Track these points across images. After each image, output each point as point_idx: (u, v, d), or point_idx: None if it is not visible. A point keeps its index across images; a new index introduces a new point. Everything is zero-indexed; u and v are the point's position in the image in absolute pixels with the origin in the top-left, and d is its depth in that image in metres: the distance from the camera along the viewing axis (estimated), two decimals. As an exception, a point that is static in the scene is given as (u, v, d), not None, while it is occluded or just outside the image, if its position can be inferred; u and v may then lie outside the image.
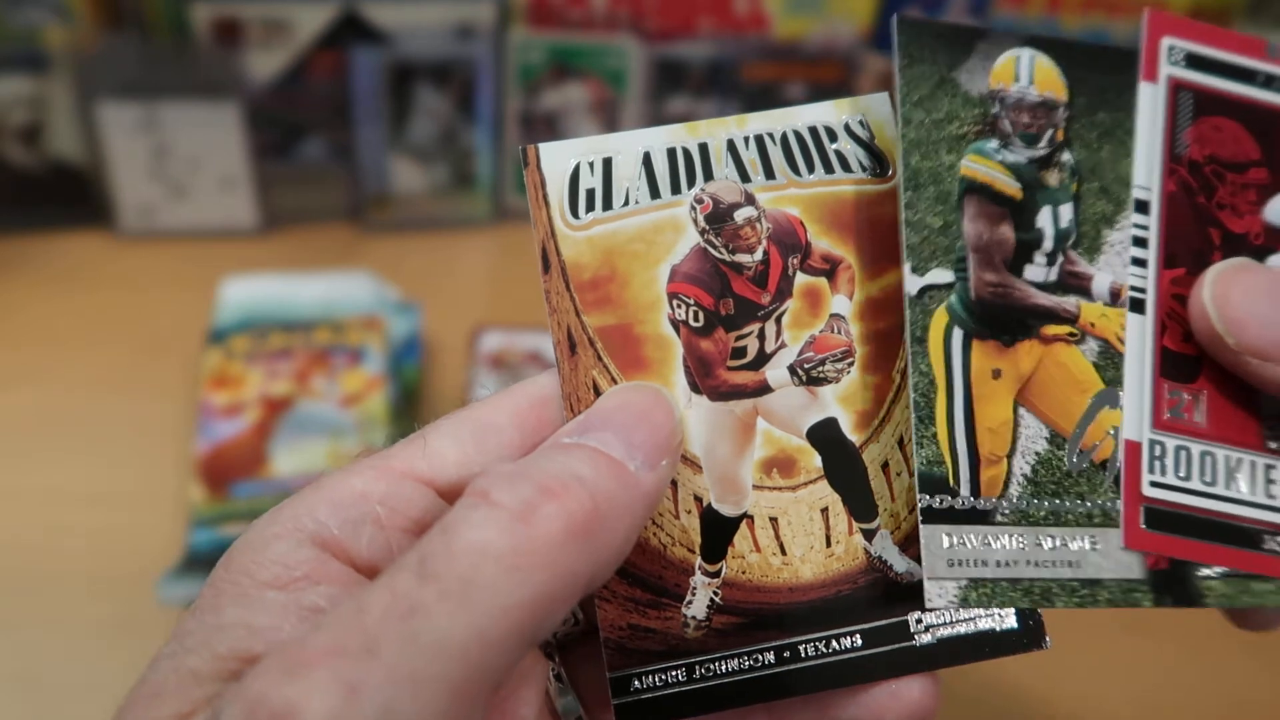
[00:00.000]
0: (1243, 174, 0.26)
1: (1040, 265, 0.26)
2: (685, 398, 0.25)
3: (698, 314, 0.26)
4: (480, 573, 0.19)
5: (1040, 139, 0.26)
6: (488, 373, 0.61)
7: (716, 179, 0.26)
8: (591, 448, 0.22)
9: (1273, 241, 0.26)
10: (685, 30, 0.76)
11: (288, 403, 0.50)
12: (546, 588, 0.20)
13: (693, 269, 0.26)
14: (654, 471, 0.22)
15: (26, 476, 0.53)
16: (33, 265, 0.68)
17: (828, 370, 0.26)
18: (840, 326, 0.26)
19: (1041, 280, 0.26)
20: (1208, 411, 0.25)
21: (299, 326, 0.55)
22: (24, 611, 0.46)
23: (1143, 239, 0.26)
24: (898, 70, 0.25)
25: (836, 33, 0.78)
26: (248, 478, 0.46)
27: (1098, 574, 0.24)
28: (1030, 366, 0.25)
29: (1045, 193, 0.26)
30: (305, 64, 0.70)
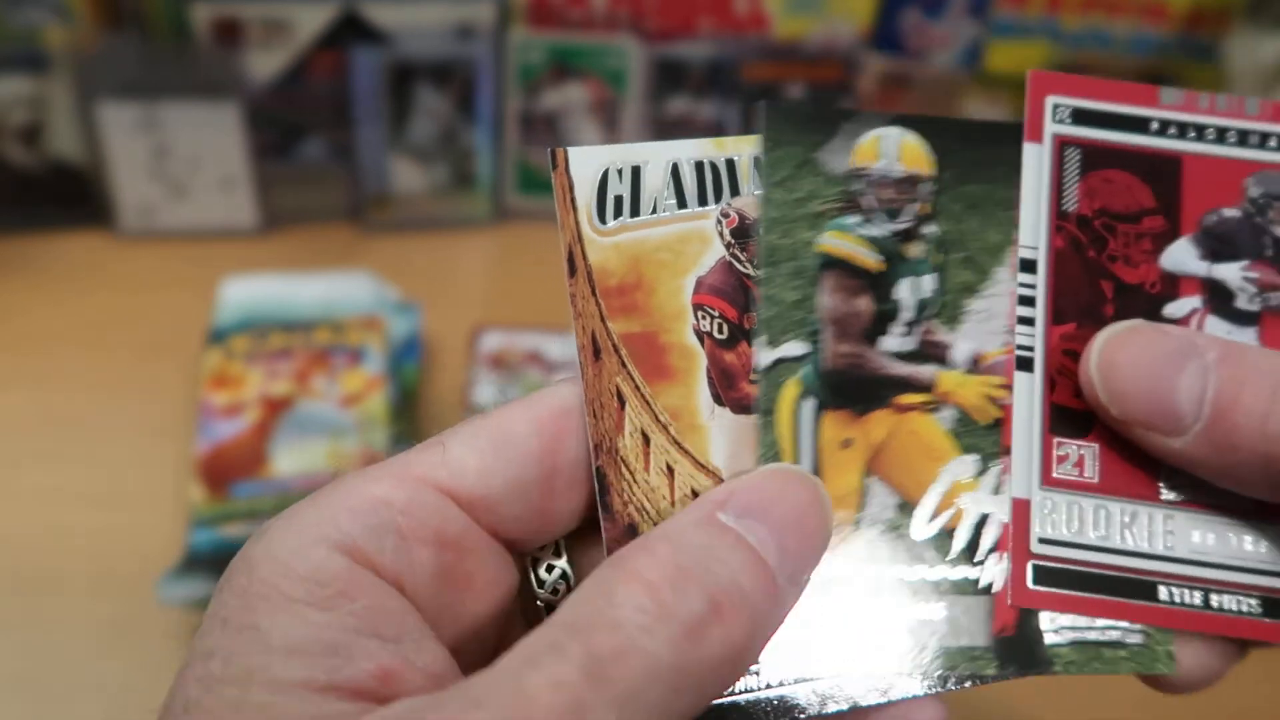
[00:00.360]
0: (1137, 224, 0.26)
1: (898, 335, 0.26)
2: (709, 409, 0.25)
3: (722, 326, 0.26)
4: (648, 690, 0.19)
5: (903, 213, 0.26)
6: (487, 373, 0.61)
7: (743, 194, 0.26)
8: (750, 546, 0.21)
9: (1169, 289, 0.26)
10: (685, 30, 0.76)
11: (288, 403, 0.50)
12: (690, 708, 0.20)
13: (718, 281, 0.26)
14: (795, 588, 0.22)
15: (26, 476, 0.53)
16: (33, 265, 0.68)
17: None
18: None
19: (899, 350, 0.26)
20: (1100, 466, 0.25)
21: (299, 326, 0.55)
22: (24, 611, 0.46)
23: (1030, 298, 0.26)
24: (762, 153, 0.26)
25: (836, 33, 0.78)
26: (248, 478, 0.46)
27: (942, 643, 0.25)
28: (882, 435, 0.26)
29: (906, 264, 0.26)
30: (305, 64, 0.70)
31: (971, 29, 0.78)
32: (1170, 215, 0.26)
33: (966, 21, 0.78)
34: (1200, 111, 0.26)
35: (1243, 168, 0.26)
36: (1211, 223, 0.26)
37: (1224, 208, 0.26)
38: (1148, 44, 0.79)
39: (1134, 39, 0.79)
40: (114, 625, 0.46)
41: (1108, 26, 0.78)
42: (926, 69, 0.79)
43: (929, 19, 0.78)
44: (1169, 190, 0.26)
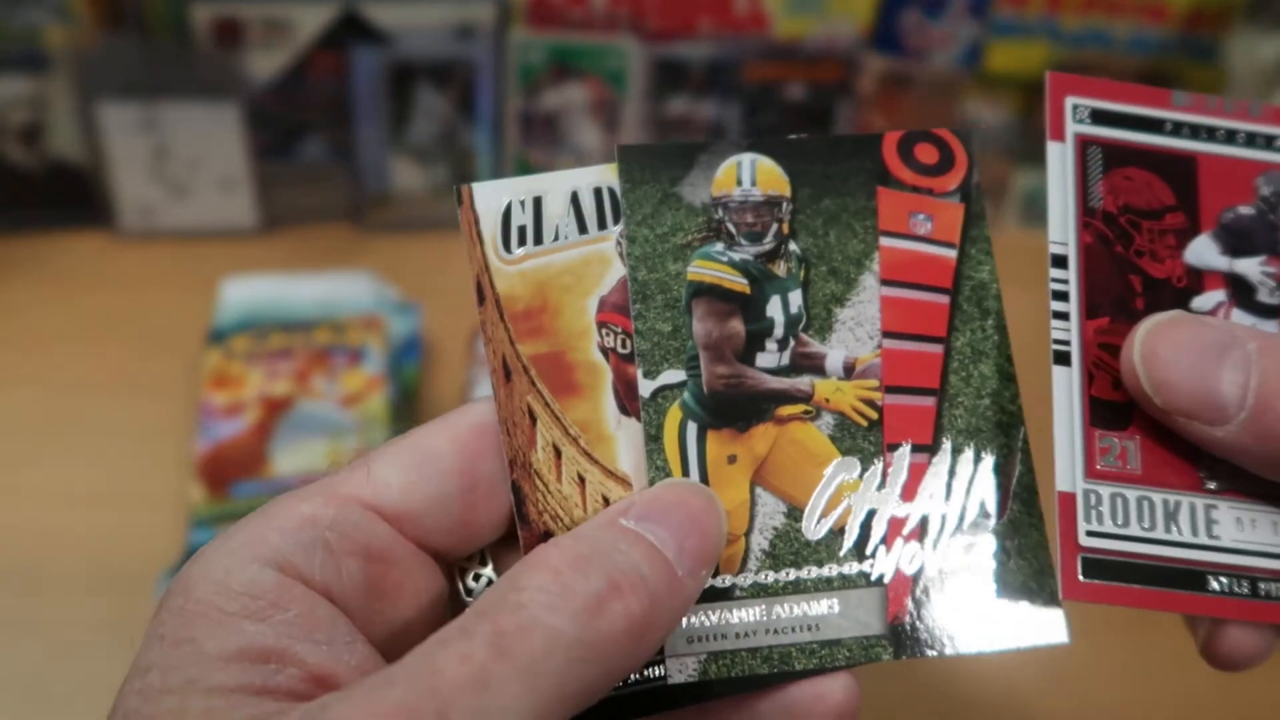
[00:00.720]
0: (1159, 220, 0.26)
1: (772, 352, 0.27)
2: (615, 420, 0.27)
3: (625, 341, 0.27)
4: (550, 660, 0.20)
5: (765, 235, 0.28)
6: (487, 373, 0.61)
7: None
8: (650, 543, 0.23)
9: (1195, 283, 0.26)
10: (685, 30, 0.76)
11: (288, 403, 0.50)
12: (598, 681, 0.21)
13: (620, 299, 0.27)
14: (695, 580, 0.24)
15: (26, 476, 0.53)
16: (33, 265, 0.68)
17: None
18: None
19: (774, 365, 0.27)
20: (1142, 457, 0.25)
21: (299, 326, 0.55)
22: (24, 611, 0.46)
23: (1063, 292, 0.26)
24: (621, 194, 0.27)
25: (836, 33, 0.78)
26: (248, 478, 0.46)
27: (837, 634, 0.25)
28: (765, 448, 0.27)
29: (774, 283, 0.28)
30: (305, 64, 0.70)
31: (971, 29, 0.78)
32: (1190, 212, 0.26)
33: (966, 21, 0.78)
34: (1210, 113, 0.27)
35: (1253, 168, 0.26)
36: (1229, 219, 0.26)
37: (1240, 205, 0.26)
38: (1148, 44, 0.79)
39: (1134, 39, 0.79)
40: (114, 625, 0.46)
41: (1108, 26, 0.78)
42: (926, 69, 0.79)
43: (929, 19, 0.78)
44: (1187, 188, 0.26)
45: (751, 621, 0.26)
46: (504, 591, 0.21)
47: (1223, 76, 0.78)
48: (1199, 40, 0.79)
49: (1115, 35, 0.79)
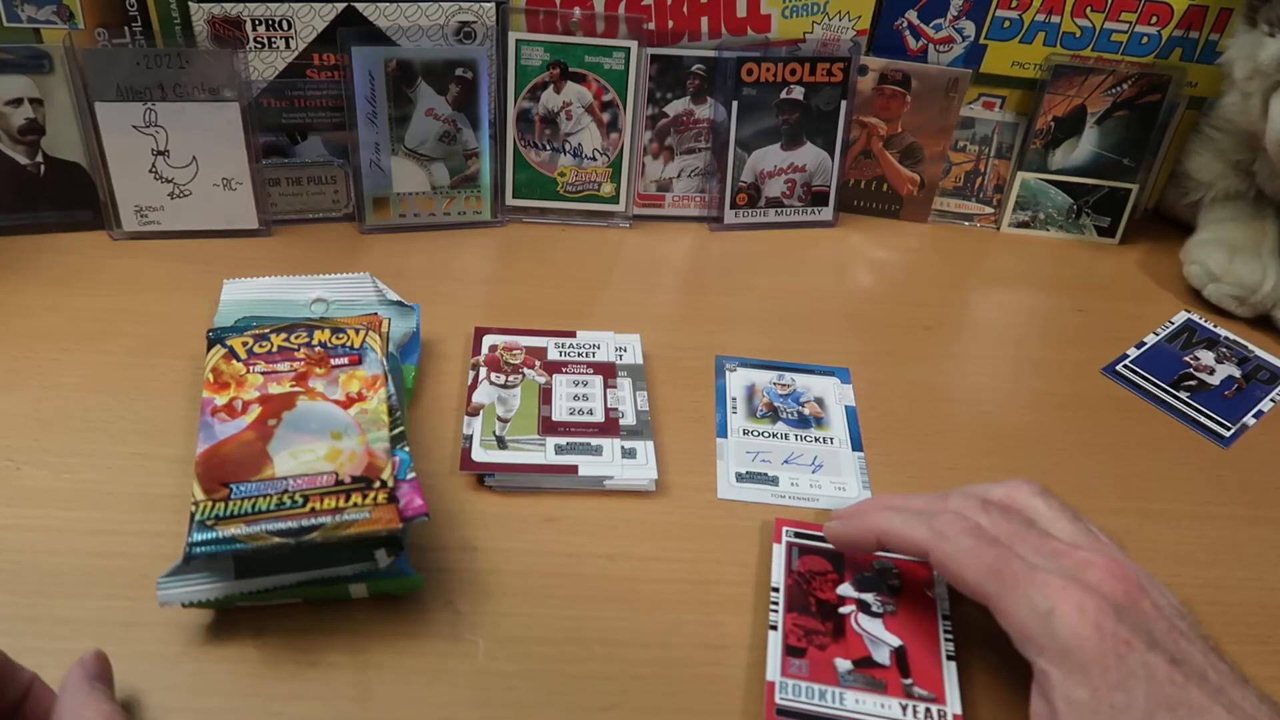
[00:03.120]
0: (824, 576, 0.50)
1: None
2: None
3: None
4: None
5: None
6: (487, 373, 0.61)
7: None
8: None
9: (845, 603, 0.49)
10: (685, 30, 0.76)
11: (288, 403, 0.50)
12: None
13: None
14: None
15: (27, 477, 0.53)
16: (33, 265, 0.68)
17: None
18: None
19: None
20: (809, 671, 0.46)
21: (299, 326, 0.55)
22: (24, 611, 0.46)
23: (776, 602, 0.49)
24: None
25: (836, 33, 0.78)
26: (248, 478, 0.46)
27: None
28: None
29: None
30: (305, 64, 0.70)
31: (971, 29, 0.78)
32: (840, 572, 0.51)
33: (966, 21, 0.78)
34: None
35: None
36: (857, 577, 0.50)
37: (863, 570, 0.51)
38: (1147, 44, 0.79)
39: (1134, 39, 0.79)
40: (114, 625, 0.46)
41: (1107, 26, 0.78)
42: (926, 69, 0.79)
43: (929, 19, 0.78)
44: (840, 563, 0.51)
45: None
46: None
47: (1222, 77, 0.78)
48: (1199, 40, 0.79)
49: (1115, 35, 0.79)
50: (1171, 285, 0.80)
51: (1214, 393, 0.69)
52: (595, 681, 0.46)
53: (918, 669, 0.46)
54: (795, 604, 0.49)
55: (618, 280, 0.74)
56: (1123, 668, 0.39)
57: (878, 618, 0.48)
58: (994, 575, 0.42)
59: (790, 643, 0.47)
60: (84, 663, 0.41)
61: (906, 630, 0.48)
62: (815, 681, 0.46)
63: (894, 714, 0.45)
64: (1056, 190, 0.83)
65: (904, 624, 0.48)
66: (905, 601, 0.49)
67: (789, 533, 0.52)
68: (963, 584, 0.44)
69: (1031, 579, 0.42)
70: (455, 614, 0.48)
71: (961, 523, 0.45)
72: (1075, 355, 0.71)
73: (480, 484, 0.55)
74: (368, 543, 0.45)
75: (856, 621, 0.48)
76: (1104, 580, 0.42)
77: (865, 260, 0.80)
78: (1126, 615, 0.41)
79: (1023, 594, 0.41)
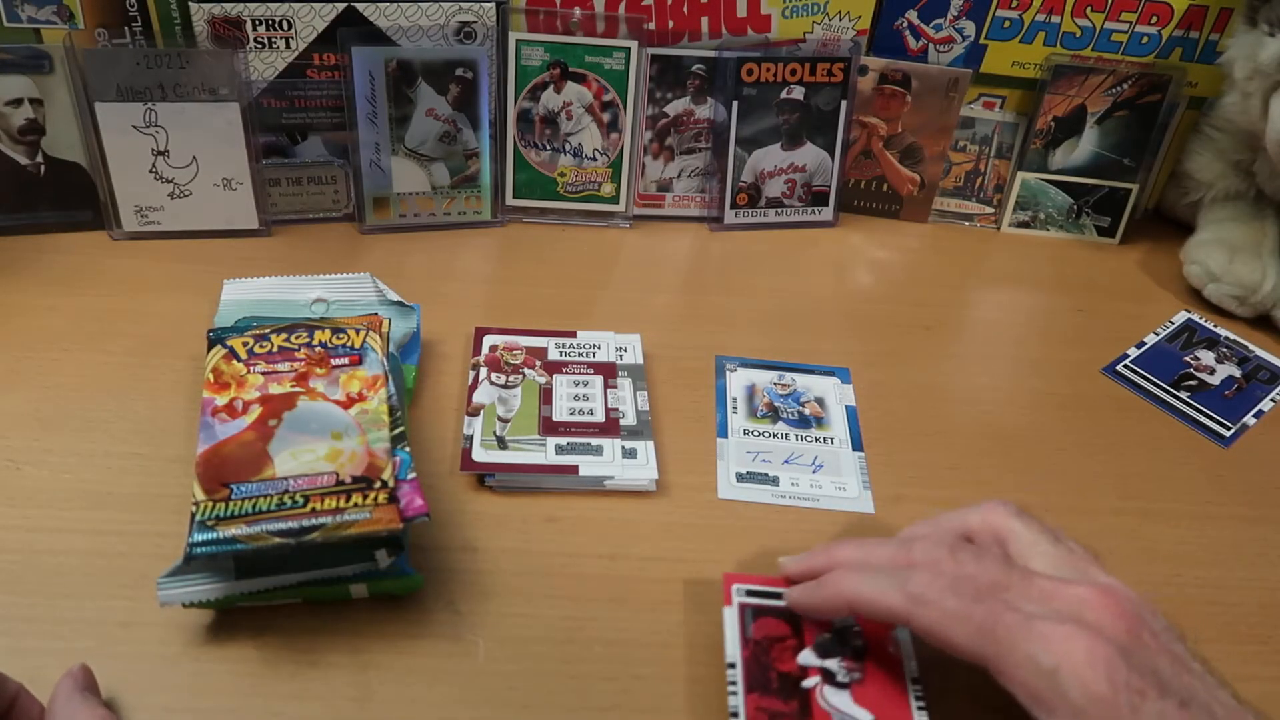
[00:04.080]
0: (783, 643, 0.46)
1: None
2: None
3: None
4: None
5: None
6: (487, 373, 0.61)
7: None
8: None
9: (803, 674, 0.45)
10: (685, 30, 0.76)
11: (288, 403, 0.50)
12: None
13: None
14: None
15: (27, 477, 0.53)
16: (33, 265, 0.68)
17: None
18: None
19: None
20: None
21: (299, 326, 0.55)
22: (24, 611, 0.46)
23: (734, 680, 0.44)
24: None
25: (836, 33, 0.78)
26: (248, 478, 0.46)
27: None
28: None
29: None
30: (305, 64, 0.70)
31: (971, 29, 0.78)
32: (800, 638, 0.46)
33: (966, 21, 0.78)
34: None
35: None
36: (819, 640, 0.46)
37: (822, 633, 0.46)
38: (1148, 44, 0.79)
39: (1134, 39, 0.79)
40: (114, 625, 0.46)
41: (1108, 26, 0.78)
42: (926, 69, 0.79)
43: (929, 19, 0.78)
44: (798, 626, 0.47)
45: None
46: None
47: (1222, 77, 0.78)
48: (1199, 40, 0.79)
49: (1115, 35, 0.79)
50: (1171, 285, 0.80)
51: (1214, 393, 0.69)
52: (595, 681, 0.46)
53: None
54: (755, 683, 0.44)
55: (618, 280, 0.74)
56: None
57: (844, 689, 0.45)
58: (987, 636, 0.39)
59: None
60: (73, 675, 0.42)
61: (876, 701, 0.44)
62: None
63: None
64: (1057, 190, 0.83)
65: (872, 694, 0.45)
66: (871, 665, 0.46)
67: (740, 591, 0.48)
68: (954, 649, 0.40)
69: (1029, 633, 0.39)
70: (455, 614, 0.48)
71: (938, 581, 0.41)
72: (1075, 355, 0.71)
73: (480, 484, 0.55)
74: (368, 543, 0.45)
75: (823, 696, 0.44)
76: (1104, 620, 0.39)
77: (865, 260, 0.80)
78: (1134, 658, 0.38)
79: (1023, 652, 0.38)
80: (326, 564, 0.46)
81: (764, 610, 0.47)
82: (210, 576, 0.45)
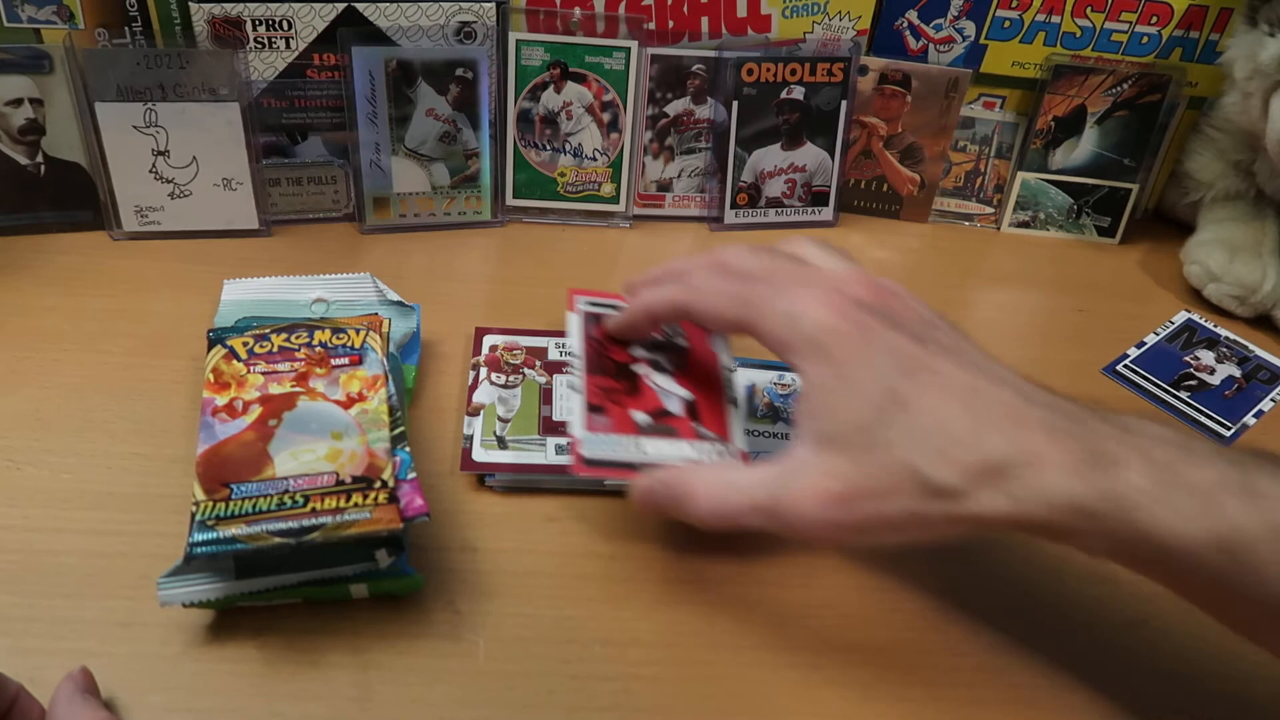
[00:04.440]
0: (617, 342, 0.54)
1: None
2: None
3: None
4: None
5: None
6: (488, 373, 0.61)
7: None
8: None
9: (639, 362, 0.54)
10: (685, 30, 0.76)
11: (288, 403, 0.50)
12: None
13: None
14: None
15: (27, 476, 0.53)
16: (33, 265, 0.68)
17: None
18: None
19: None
20: (611, 422, 0.50)
21: (299, 326, 0.55)
22: (24, 611, 0.46)
23: (577, 367, 0.52)
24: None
25: (836, 33, 0.78)
26: (248, 478, 0.46)
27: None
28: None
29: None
30: (305, 64, 0.70)
31: (971, 29, 0.78)
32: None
33: (966, 21, 0.78)
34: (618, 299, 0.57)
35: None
36: (647, 341, 0.55)
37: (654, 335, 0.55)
38: (1148, 44, 0.79)
39: (1134, 39, 0.79)
40: (114, 625, 0.46)
41: (1108, 26, 0.78)
42: (927, 69, 0.79)
43: (929, 19, 0.78)
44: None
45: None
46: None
47: (1222, 77, 0.78)
48: (1199, 40, 0.79)
49: (1115, 35, 0.79)
50: (1171, 285, 0.80)
51: (1214, 393, 0.69)
52: (595, 681, 0.46)
53: (706, 416, 0.52)
54: (593, 367, 0.52)
55: (618, 280, 0.74)
56: (866, 346, 0.42)
57: (668, 373, 0.53)
58: (744, 303, 0.45)
59: (592, 402, 0.50)
60: (73, 677, 0.42)
61: (694, 384, 0.53)
62: (617, 433, 0.49)
63: (686, 453, 0.49)
64: (1057, 190, 0.83)
65: (692, 378, 0.53)
66: (691, 359, 0.54)
67: (583, 302, 0.56)
68: (719, 321, 0.46)
69: (781, 294, 0.44)
70: (455, 614, 0.48)
71: (712, 270, 0.47)
72: (1075, 355, 0.71)
73: (480, 484, 0.55)
74: (368, 543, 0.45)
75: (650, 378, 0.53)
76: (851, 287, 0.44)
77: (865, 260, 0.79)
78: (870, 307, 0.43)
79: (770, 307, 0.44)
80: (326, 564, 0.46)
81: (601, 317, 0.56)
82: (210, 576, 0.45)
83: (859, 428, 0.41)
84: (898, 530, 0.41)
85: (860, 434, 0.41)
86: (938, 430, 0.40)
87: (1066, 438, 0.40)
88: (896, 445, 0.40)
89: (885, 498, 0.40)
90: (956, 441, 0.40)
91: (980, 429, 0.40)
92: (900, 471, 0.40)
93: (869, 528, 0.41)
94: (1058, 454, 0.39)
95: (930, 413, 0.40)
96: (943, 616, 0.50)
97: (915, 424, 0.40)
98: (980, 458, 0.39)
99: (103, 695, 0.43)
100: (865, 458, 0.41)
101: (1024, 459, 0.39)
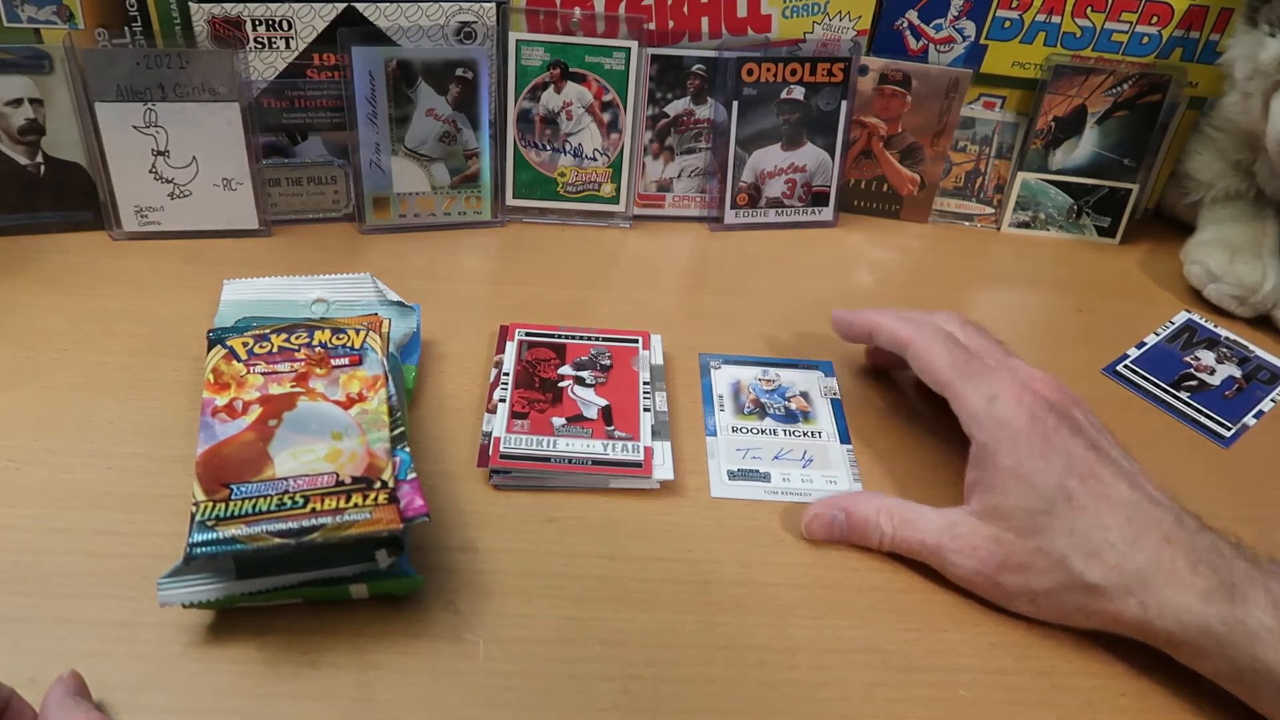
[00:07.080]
0: (548, 362, 0.61)
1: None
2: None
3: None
4: None
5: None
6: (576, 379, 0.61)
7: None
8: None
9: (564, 380, 0.60)
10: (685, 30, 0.76)
11: (288, 403, 0.50)
12: None
13: None
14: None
15: (26, 476, 0.53)
16: (33, 265, 0.68)
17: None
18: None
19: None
20: (529, 425, 0.57)
21: (299, 326, 0.55)
22: (24, 611, 0.46)
23: (506, 384, 0.59)
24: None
25: (836, 33, 0.78)
26: (248, 478, 0.46)
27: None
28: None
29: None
30: (305, 64, 0.70)
31: (972, 29, 0.78)
32: (561, 359, 0.61)
33: (967, 21, 0.78)
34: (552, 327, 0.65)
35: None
36: (575, 361, 0.61)
37: (580, 356, 0.62)
38: (1148, 44, 0.79)
39: (1134, 39, 0.79)
40: (114, 625, 0.46)
41: (1108, 27, 0.78)
42: (927, 69, 0.79)
43: (929, 19, 0.78)
44: (561, 353, 0.62)
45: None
46: None
47: (1222, 77, 0.78)
48: (1199, 40, 0.79)
49: (1115, 35, 0.79)
50: (1172, 285, 0.80)
51: (1214, 393, 0.69)
52: (595, 682, 0.46)
53: (620, 419, 0.58)
54: (522, 383, 0.59)
55: (618, 280, 0.74)
56: (1047, 445, 0.48)
57: (590, 387, 0.60)
58: (957, 368, 0.53)
59: (516, 410, 0.57)
60: (64, 680, 0.42)
61: (613, 394, 0.59)
62: (534, 434, 0.56)
63: (597, 451, 0.55)
64: (1057, 190, 0.83)
65: (612, 390, 0.60)
66: (614, 375, 0.61)
67: (520, 333, 0.63)
68: (931, 373, 0.54)
69: (986, 375, 0.52)
70: (456, 614, 0.48)
71: (941, 331, 0.56)
72: (1075, 355, 0.71)
73: (480, 484, 0.55)
74: (368, 543, 0.45)
75: (573, 391, 0.59)
76: (1045, 388, 0.51)
77: (865, 260, 0.80)
78: (1057, 410, 0.50)
79: (974, 384, 0.52)
80: (327, 564, 0.46)
81: (536, 344, 0.62)
82: (210, 577, 0.45)
83: (1027, 512, 0.48)
84: (1034, 603, 0.48)
85: (1027, 517, 0.48)
86: (1096, 532, 0.46)
87: (1206, 566, 0.45)
88: (1057, 536, 0.47)
89: (1034, 574, 0.48)
90: (1111, 546, 0.46)
91: (1135, 540, 0.46)
92: (1054, 556, 0.47)
93: (1011, 593, 0.49)
94: (1197, 579, 0.45)
95: (1093, 514, 0.47)
96: (944, 617, 0.50)
97: (1078, 521, 0.47)
98: (1128, 565, 0.46)
99: (104, 695, 0.43)
100: (1027, 537, 0.48)
101: (1166, 577, 0.45)
